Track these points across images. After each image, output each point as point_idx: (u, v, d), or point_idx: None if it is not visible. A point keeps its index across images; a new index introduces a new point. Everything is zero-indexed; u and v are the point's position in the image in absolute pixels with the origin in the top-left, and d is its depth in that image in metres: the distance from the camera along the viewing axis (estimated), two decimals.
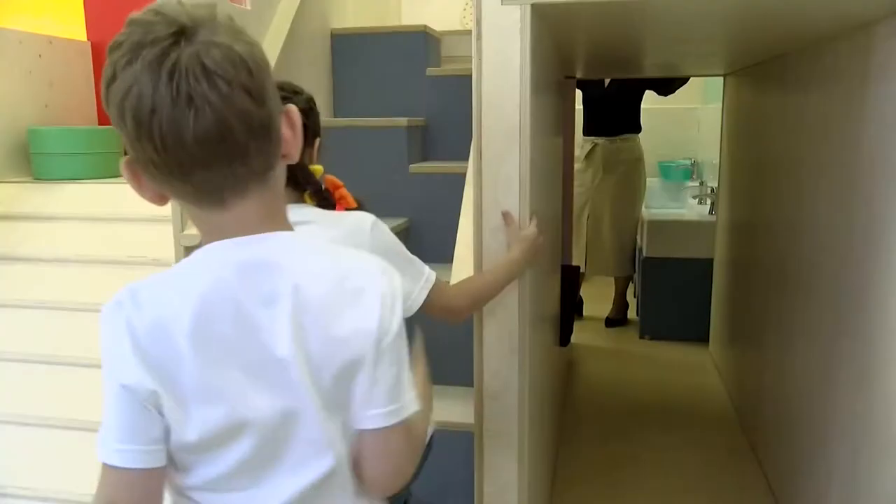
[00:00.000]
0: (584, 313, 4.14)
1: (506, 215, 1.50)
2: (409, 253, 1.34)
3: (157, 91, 0.65)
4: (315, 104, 1.39)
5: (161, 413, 0.73)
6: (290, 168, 0.98)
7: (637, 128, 3.85)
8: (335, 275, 0.76)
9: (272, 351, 0.73)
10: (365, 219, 1.29)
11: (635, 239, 3.93)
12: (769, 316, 2.39)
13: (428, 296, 1.32)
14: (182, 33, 0.66)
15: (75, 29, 3.75)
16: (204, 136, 0.66)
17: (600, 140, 3.82)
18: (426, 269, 1.35)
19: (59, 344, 2.41)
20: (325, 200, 1.33)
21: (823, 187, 1.86)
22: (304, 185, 1.32)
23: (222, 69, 0.66)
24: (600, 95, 3.77)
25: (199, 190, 0.71)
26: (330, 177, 1.39)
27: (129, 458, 0.73)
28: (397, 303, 0.77)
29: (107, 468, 0.74)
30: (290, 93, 1.31)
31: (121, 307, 0.74)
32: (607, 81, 3.78)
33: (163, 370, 0.72)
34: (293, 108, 0.76)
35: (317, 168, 1.38)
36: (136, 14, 0.70)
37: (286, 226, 0.78)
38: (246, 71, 0.68)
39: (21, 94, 3.16)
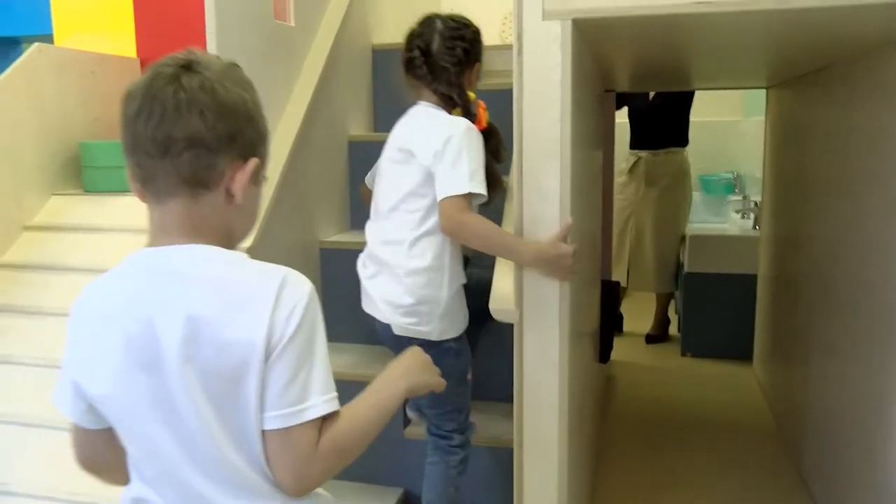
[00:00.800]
0: (625, 329, 4.08)
1: (565, 227, 1.49)
2: (466, 167, 1.59)
3: (139, 85, 0.86)
4: (481, 35, 1.77)
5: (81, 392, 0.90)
6: (449, 87, 1.70)
7: (683, 141, 3.80)
8: (234, 285, 0.85)
9: (164, 349, 0.83)
10: (453, 130, 1.62)
11: (678, 255, 3.87)
12: (815, 333, 2.33)
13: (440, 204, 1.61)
14: (188, 64, 0.86)
15: (126, 46, 3.87)
16: (153, 129, 0.83)
17: (643, 153, 3.78)
18: (459, 187, 1.59)
19: None
20: (469, 116, 1.70)
21: (873, 201, 1.81)
22: (456, 103, 1.71)
23: (191, 91, 0.84)
24: (644, 109, 3.74)
25: (142, 173, 0.87)
26: (481, 101, 1.77)
27: (70, 413, 0.94)
28: (296, 311, 0.84)
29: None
30: (461, 24, 1.73)
31: (76, 302, 0.92)
32: (652, 94, 3.75)
33: (87, 357, 0.89)
34: (254, 162, 0.89)
35: (471, 94, 1.75)
36: None
37: (211, 243, 0.88)
38: (211, 101, 0.84)
39: (73, 109, 3.26)
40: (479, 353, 2.21)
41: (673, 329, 4.03)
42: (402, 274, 1.68)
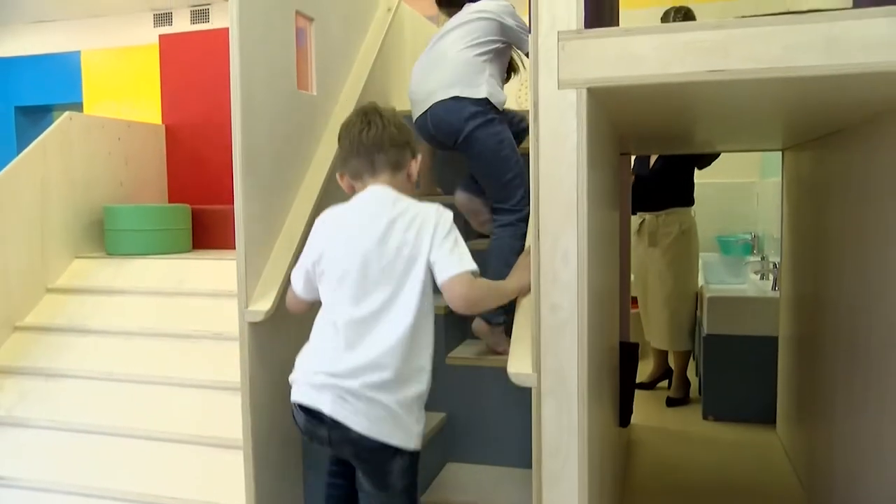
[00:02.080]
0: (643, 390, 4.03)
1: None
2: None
3: (355, 117, 1.70)
4: None
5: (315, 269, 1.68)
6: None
7: (686, 201, 3.84)
8: (414, 209, 1.62)
9: (377, 241, 1.59)
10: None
11: (693, 312, 3.86)
12: (840, 395, 2.28)
13: None
14: (375, 106, 1.72)
15: (152, 113, 3.99)
16: (371, 137, 1.66)
17: (647, 215, 3.86)
18: None
19: (125, 416, 2.46)
20: None
21: (892, 260, 1.80)
22: None
23: (388, 117, 1.69)
24: (646, 174, 3.80)
25: (363, 164, 1.68)
26: None
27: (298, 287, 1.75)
28: (447, 220, 1.61)
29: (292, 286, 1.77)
30: None
31: (324, 215, 1.71)
32: (653, 160, 3.82)
33: (330, 245, 1.65)
34: (419, 157, 1.74)
35: None
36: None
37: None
38: (396, 122, 1.70)
39: (100, 173, 3.35)
40: (496, 419, 2.18)
41: (693, 391, 3.96)
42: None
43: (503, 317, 2.12)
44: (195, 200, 3.57)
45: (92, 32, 7.95)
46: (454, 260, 1.57)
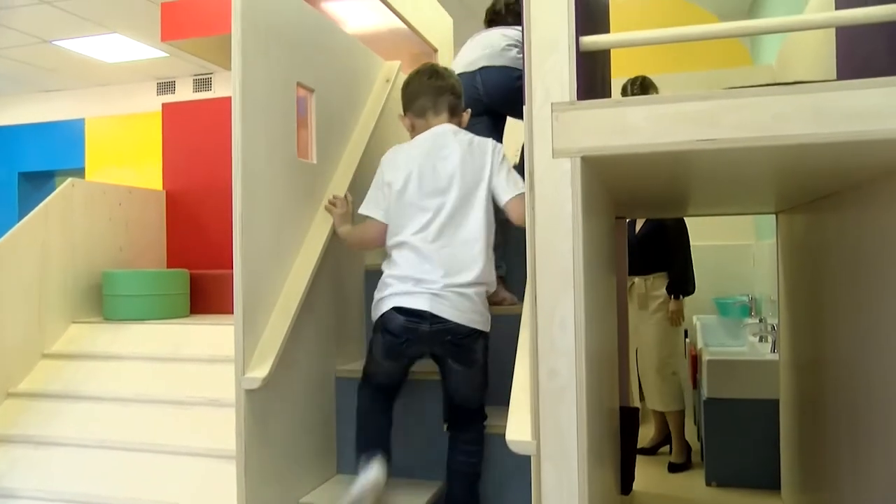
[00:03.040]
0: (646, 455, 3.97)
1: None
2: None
3: (423, 69, 2.24)
4: None
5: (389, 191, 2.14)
6: (517, 25, 2.81)
7: (674, 266, 3.89)
8: (477, 141, 2.11)
9: (445, 166, 2.07)
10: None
11: (677, 372, 3.90)
12: (844, 458, 2.25)
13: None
14: (437, 64, 2.36)
15: (153, 178, 4.04)
16: (437, 82, 2.18)
17: (635, 278, 3.91)
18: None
19: (118, 485, 2.41)
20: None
21: (889, 322, 1.80)
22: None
23: (449, 70, 2.29)
24: (632, 238, 3.86)
25: (427, 104, 2.16)
26: None
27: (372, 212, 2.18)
28: (501, 150, 2.09)
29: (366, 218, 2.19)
30: None
31: (391, 150, 2.22)
32: (639, 225, 3.89)
33: (399, 172, 2.11)
34: (468, 112, 2.25)
35: None
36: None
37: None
38: (457, 78, 2.25)
39: (100, 239, 3.37)
40: (494, 487, 2.14)
41: (695, 456, 3.89)
42: None
43: (502, 267, 2.42)
44: (194, 265, 3.58)
45: (96, 100, 8.13)
46: (511, 185, 2.03)
